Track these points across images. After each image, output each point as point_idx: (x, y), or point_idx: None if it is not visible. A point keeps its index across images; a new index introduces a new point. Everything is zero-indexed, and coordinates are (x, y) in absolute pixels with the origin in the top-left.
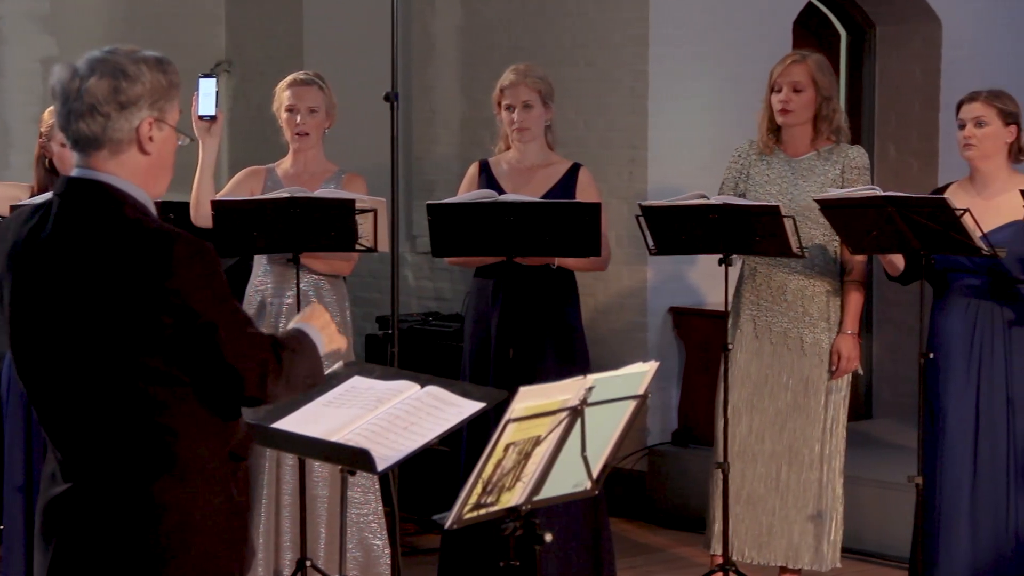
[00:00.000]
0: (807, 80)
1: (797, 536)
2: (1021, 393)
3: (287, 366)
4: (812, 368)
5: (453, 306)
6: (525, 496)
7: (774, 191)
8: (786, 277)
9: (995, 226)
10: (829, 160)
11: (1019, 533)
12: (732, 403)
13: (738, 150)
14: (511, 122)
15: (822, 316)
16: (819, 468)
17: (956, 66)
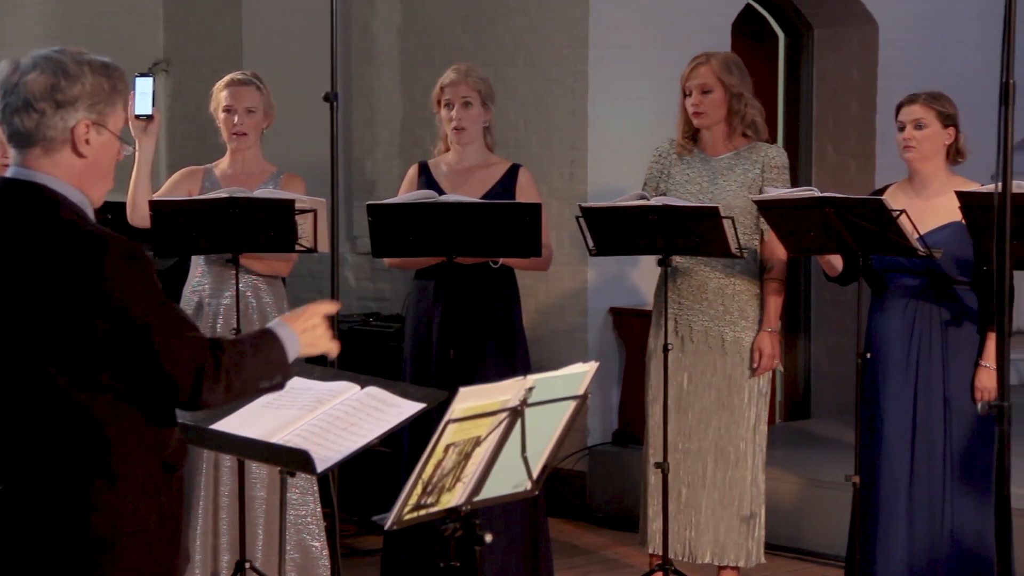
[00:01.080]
0: (713, 80)
1: (723, 533)
2: (958, 393)
3: (228, 371)
4: (734, 366)
5: (394, 307)
6: (465, 497)
7: (694, 190)
8: (706, 276)
9: (933, 227)
10: (748, 159)
11: (955, 532)
12: (660, 402)
13: (659, 149)
14: (450, 119)
15: (743, 314)
16: (744, 465)
17: (893, 68)
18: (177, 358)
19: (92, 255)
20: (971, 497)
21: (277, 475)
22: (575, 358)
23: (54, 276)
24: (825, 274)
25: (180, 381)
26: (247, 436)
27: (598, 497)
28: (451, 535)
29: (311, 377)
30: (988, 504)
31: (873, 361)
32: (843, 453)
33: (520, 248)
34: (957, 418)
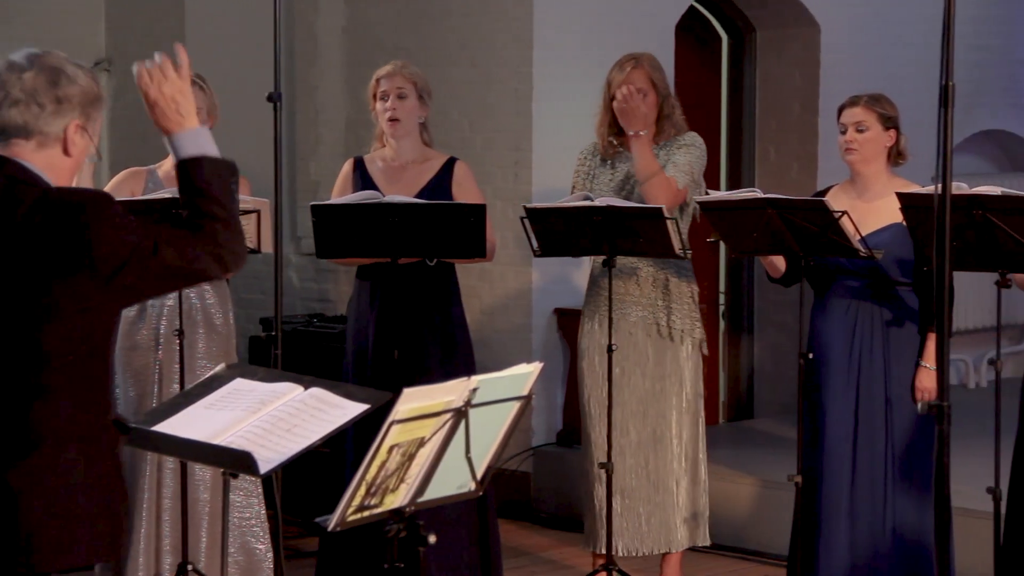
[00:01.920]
0: (648, 83)
1: (671, 520)
2: (899, 393)
3: (222, 230)
4: (666, 352)
5: (338, 307)
6: (409, 498)
7: (617, 189)
8: (636, 263)
9: (874, 228)
10: (667, 151)
11: (896, 531)
12: (599, 400)
13: (583, 152)
14: (384, 111)
15: (671, 300)
16: (681, 452)
17: (834, 70)
18: (190, 257)
19: (73, 211)
20: (912, 496)
21: (220, 477)
22: (519, 359)
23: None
24: (768, 275)
25: (208, 272)
26: (190, 438)
27: (542, 497)
28: (395, 536)
29: (254, 378)
30: (928, 503)
31: (815, 361)
32: (786, 453)
33: (464, 248)
34: (898, 418)
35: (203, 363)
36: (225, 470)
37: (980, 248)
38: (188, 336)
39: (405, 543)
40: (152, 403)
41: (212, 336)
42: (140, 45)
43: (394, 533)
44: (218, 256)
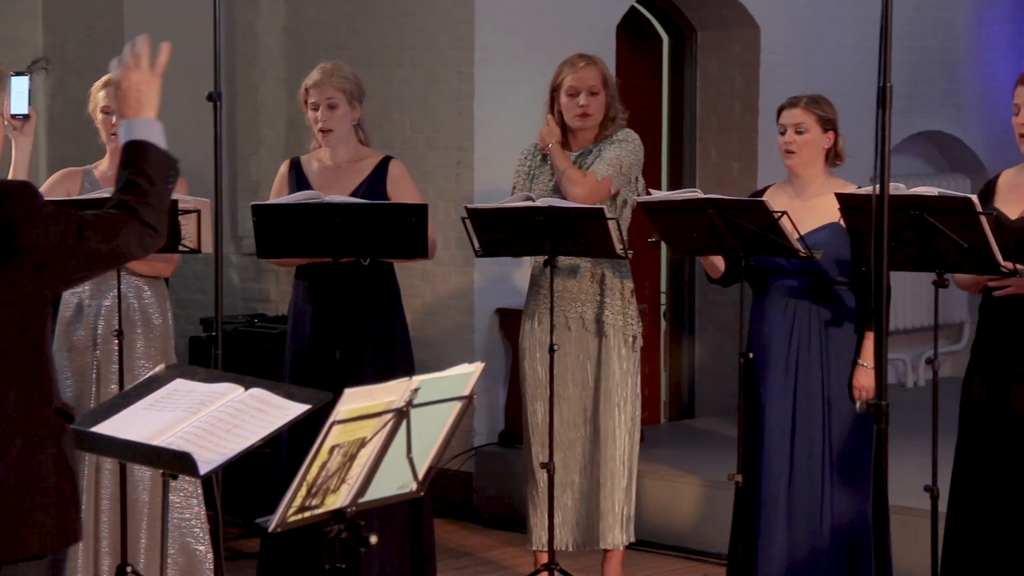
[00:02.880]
0: (600, 83)
1: (611, 517)
2: (838, 392)
3: (148, 211)
4: (606, 349)
5: (279, 307)
6: (350, 498)
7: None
8: (575, 261)
9: (812, 228)
10: (599, 147)
11: (834, 529)
12: (541, 399)
13: (523, 153)
14: (316, 121)
15: (605, 297)
16: (615, 447)
17: (774, 71)
18: (124, 242)
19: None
20: (850, 494)
21: (159, 478)
22: (461, 359)
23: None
24: (707, 275)
25: (132, 254)
26: (129, 439)
27: (484, 498)
28: (336, 537)
29: (194, 379)
30: (866, 501)
31: (754, 361)
32: (727, 452)
33: (406, 248)
34: (836, 417)
35: (141, 363)
36: (165, 471)
37: (917, 248)
38: (126, 336)
39: (346, 544)
40: (90, 403)
41: (150, 336)
42: (78, 45)
43: (335, 534)
44: (140, 237)
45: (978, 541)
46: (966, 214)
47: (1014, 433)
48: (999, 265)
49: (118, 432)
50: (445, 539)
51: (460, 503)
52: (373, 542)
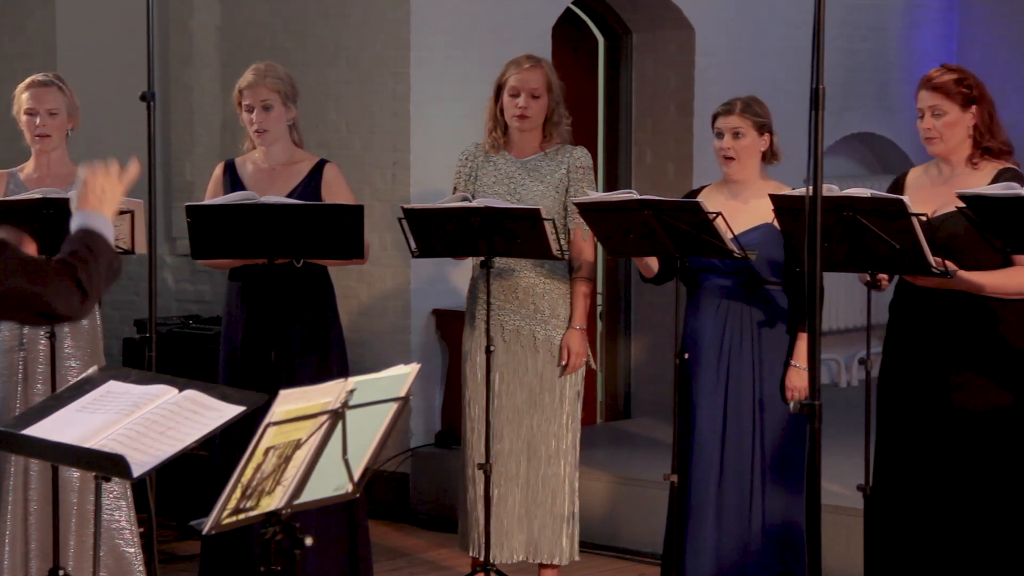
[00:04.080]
0: (544, 86)
1: (536, 531)
2: (770, 393)
3: (85, 275)
4: (545, 364)
5: (214, 309)
6: (285, 500)
7: (502, 191)
8: (517, 275)
9: (746, 228)
10: (555, 160)
11: (765, 528)
12: (479, 403)
13: (464, 153)
14: (251, 122)
15: (553, 313)
16: (557, 463)
17: (709, 72)
18: (52, 292)
19: None
20: (782, 494)
21: (89, 480)
22: (397, 360)
23: None
24: (641, 275)
25: (58, 309)
26: (61, 441)
27: (421, 499)
28: (271, 539)
29: (128, 381)
30: (798, 501)
31: (688, 361)
32: (662, 452)
33: (342, 250)
34: (769, 417)
35: (69, 364)
36: (98, 474)
37: (850, 249)
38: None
39: (281, 545)
40: (17, 404)
41: (78, 337)
42: (9, 43)
43: (270, 536)
44: (69, 295)
45: (900, 533)
46: (898, 215)
47: (937, 427)
48: (930, 265)
49: (50, 435)
50: (381, 540)
51: (396, 504)
52: (308, 543)
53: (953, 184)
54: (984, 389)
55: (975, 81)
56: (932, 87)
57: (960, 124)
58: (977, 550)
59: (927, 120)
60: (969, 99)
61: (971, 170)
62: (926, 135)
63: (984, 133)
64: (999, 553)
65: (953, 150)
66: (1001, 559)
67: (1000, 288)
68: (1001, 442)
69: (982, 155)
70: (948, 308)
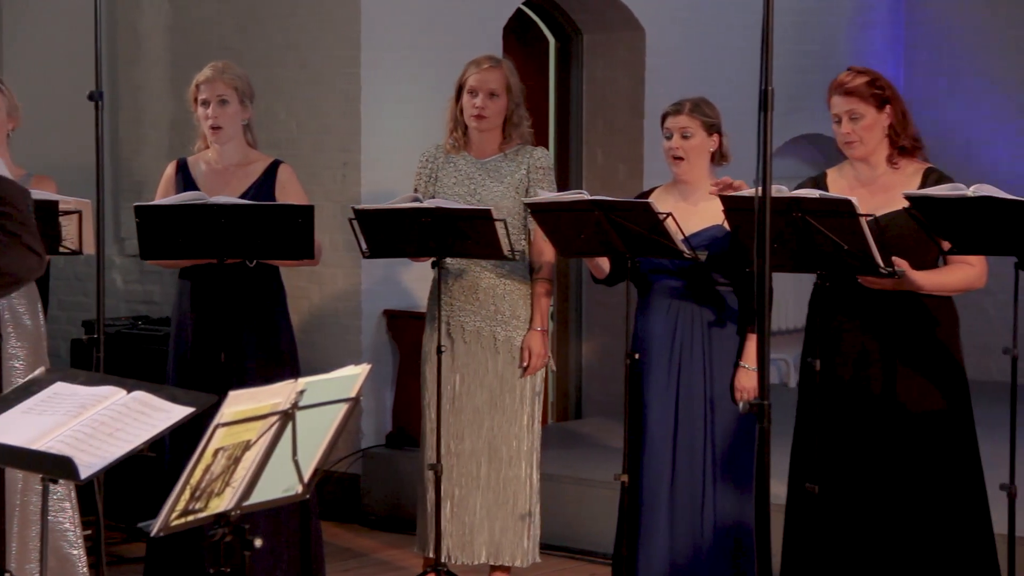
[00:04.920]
0: (503, 87)
1: (498, 533)
2: (720, 392)
3: (28, 236)
4: (506, 365)
5: (163, 310)
6: (235, 501)
7: (462, 191)
8: (478, 276)
9: (697, 229)
10: (515, 161)
11: (716, 528)
12: (435, 403)
13: (425, 154)
14: (206, 118)
15: (513, 314)
16: (518, 465)
17: (659, 73)
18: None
19: None
20: (733, 492)
21: (32, 482)
22: (348, 360)
23: None
24: (592, 276)
25: (21, 275)
26: (7, 443)
27: (372, 500)
28: (220, 540)
29: (75, 382)
30: (748, 500)
31: (639, 361)
32: (613, 452)
33: (292, 250)
34: (719, 417)
35: (12, 364)
36: (45, 476)
37: (799, 250)
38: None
39: (231, 547)
40: None
41: (22, 337)
42: None
43: (219, 537)
44: (24, 259)
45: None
46: (847, 216)
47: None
48: (878, 266)
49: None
50: (332, 540)
51: (347, 505)
52: (258, 545)
53: (879, 186)
54: (922, 389)
55: (886, 82)
56: (845, 92)
57: (877, 125)
58: (911, 549)
59: (845, 125)
60: (883, 100)
61: (893, 170)
62: (845, 139)
63: (900, 132)
64: (933, 553)
65: (872, 152)
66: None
67: (941, 286)
68: (935, 442)
69: (899, 154)
70: (885, 309)
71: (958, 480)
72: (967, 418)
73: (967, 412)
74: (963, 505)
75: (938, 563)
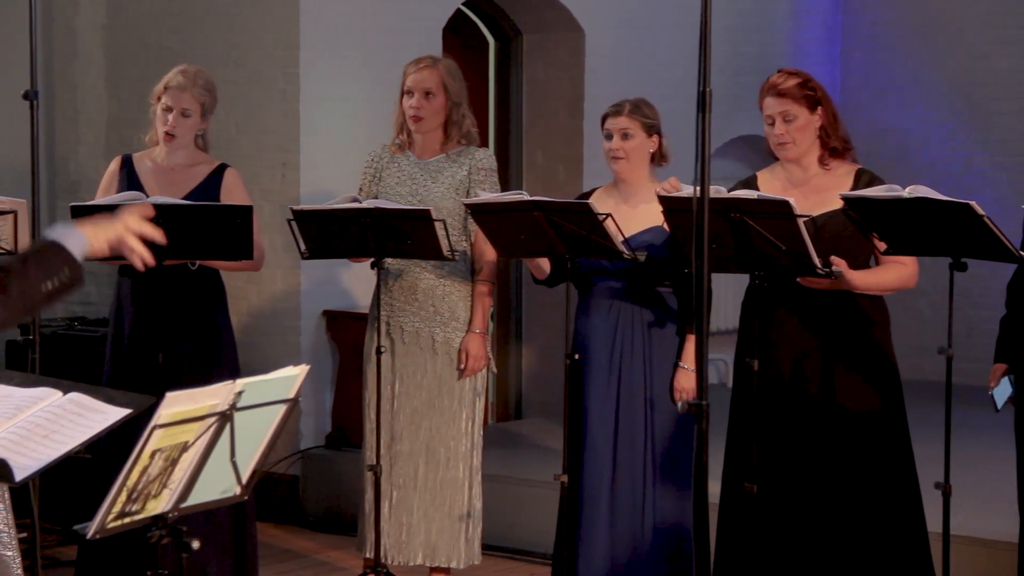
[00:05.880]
0: (438, 85)
1: (435, 534)
2: (660, 393)
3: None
4: (444, 367)
5: (100, 310)
6: (172, 503)
7: (404, 192)
8: (417, 277)
9: (637, 231)
10: (457, 162)
11: (656, 529)
12: (376, 404)
13: (371, 154)
14: (164, 122)
15: (453, 315)
16: (457, 466)
17: (599, 74)
18: None
19: None
20: (671, 492)
21: None
22: (288, 361)
23: None
24: (533, 277)
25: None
26: None
27: (311, 501)
28: (157, 542)
29: (10, 384)
30: (687, 500)
31: (579, 362)
32: (553, 453)
33: (231, 251)
34: (659, 417)
35: None
36: None
37: (738, 250)
38: None
39: (168, 549)
40: None
41: None
42: None
43: (156, 539)
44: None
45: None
46: (784, 217)
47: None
48: (815, 266)
49: None
50: (271, 542)
51: (286, 506)
52: (195, 547)
53: (812, 187)
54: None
55: (816, 83)
56: (778, 93)
57: (810, 127)
58: (846, 548)
59: (779, 126)
60: (815, 101)
61: (824, 171)
62: (779, 140)
63: (830, 133)
64: (867, 552)
65: (805, 153)
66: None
67: (876, 285)
68: (870, 441)
69: (830, 155)
70: (821, 308)
71: (892, 479)
72: (900, 417)
73: (900, 411)
74: (897, 504)
75: (873, 562)
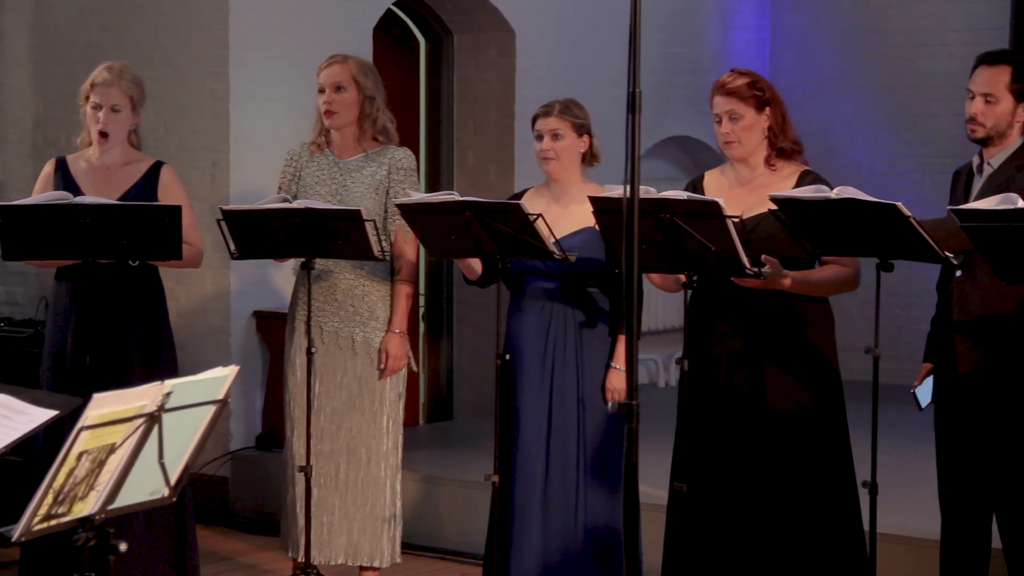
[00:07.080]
0: (348, 79)
1: (356, 534)
2: (591, 393)
3: None
4: (364, 367)
5: (27, 311)
6: (99, 505)
7: (323, 191)
8: (336, 276)
9: (569, 231)
10: (376, 161)
11: (588, 529)
12: (300, 405)
13: (290, 153)
14: (95, 121)
15: (372, 315)
16: (377, 466)
17: (530, 75)
18: None
19: None
20: (603, 493)
21: None
22: (218, 362)
23: None
24: (464, 277)
25: None
26: None
27: (241, 502)
28: (84, 545)
29: None
30: (618, 499)
31: (511, 362)
32: (484, 453)
33: (160, 251)
34: (590, 417)
35: None
36: None
37: (668, 251)
38: None
39: (95, 551)
40: None
41: None
42: None
43: (83, 541)
44: None
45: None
46: (714, 217)
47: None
48: (744, 267)
49: None
50: (201, 544)
51: (216, 507)
52: (123, 549)
53: (755, 186)
54: (792, 390)
55: (766, 84)
56: (726, 92)
57: (756, 127)
58: (784, 548)
59: (725, 125)
60: (763, 101)
61: (770, 171)
62: (725, 139)
63: (778, 134)
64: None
65: (751, 152)
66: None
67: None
68: (806, 442)
69: (777, 156)
70: (758, 309)
71: (828, 479)
72: (839, 418)
73: (839, 412)
74: (832, 504)
75: (811, 561)
